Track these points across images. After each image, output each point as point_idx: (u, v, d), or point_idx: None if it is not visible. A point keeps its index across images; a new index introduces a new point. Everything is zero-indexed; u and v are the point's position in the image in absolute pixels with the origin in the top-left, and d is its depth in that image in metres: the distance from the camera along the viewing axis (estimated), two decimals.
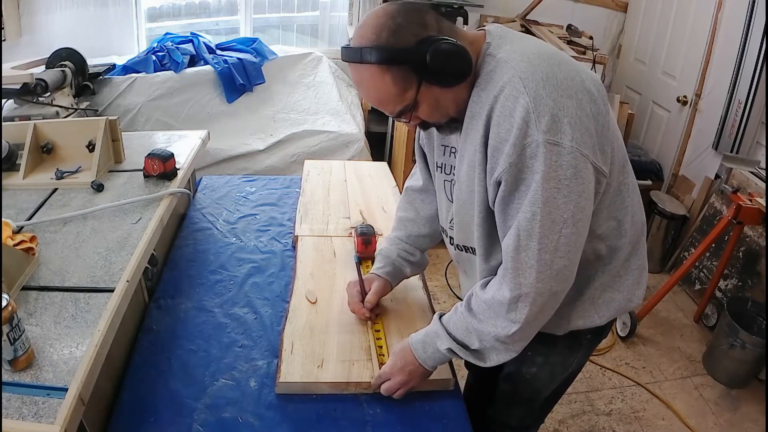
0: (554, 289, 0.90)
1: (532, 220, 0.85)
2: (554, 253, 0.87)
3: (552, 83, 0.84)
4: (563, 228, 0.86)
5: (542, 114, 0.82)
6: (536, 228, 0.86)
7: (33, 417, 0.81)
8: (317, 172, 2.00)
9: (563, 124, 0.83)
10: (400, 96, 0.90)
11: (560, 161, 0.83)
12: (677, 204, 3.06)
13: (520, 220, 0.87)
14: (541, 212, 0.85)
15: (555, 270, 0.88)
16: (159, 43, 3.19)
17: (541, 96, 0.83)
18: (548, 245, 0.87)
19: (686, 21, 3.18)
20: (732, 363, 2.26)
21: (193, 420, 1.03)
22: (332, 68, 3.50)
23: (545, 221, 0.85)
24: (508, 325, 0.92)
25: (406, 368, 1.06)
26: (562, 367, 1.20)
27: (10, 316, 0.86)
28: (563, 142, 0.83)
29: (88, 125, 1.58)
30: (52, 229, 1.28)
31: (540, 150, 0.82)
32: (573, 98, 0.85)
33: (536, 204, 0.85)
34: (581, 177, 0.85)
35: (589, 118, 0.86)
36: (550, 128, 0.82)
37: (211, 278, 1.44)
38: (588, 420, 2.08)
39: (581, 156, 0.84)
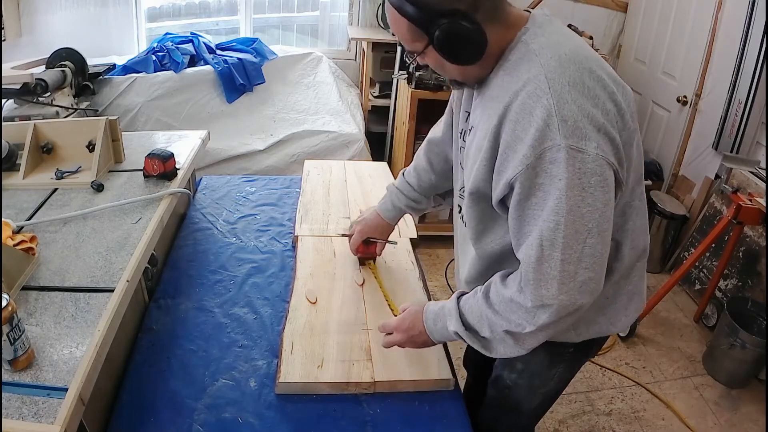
0: (579, 302, 0.86)
1: (556, 229, 0.82)
2: (578, 264, 0.83)
3: (579, 89, 0.81)
4: (588, 238, 0.82)
5: (566, 118, 0.79)
6: (560, 238, 0.82)
7: (33, 417, 0.81)
8: (317, 172, 2.01)
9: (588, 131, 0.80)
10: (411, 42, 0.91)
11: (584, 168, 0.79)
12: (677, 204, 3.06)
13: (543, 229, 0.83)
14: (565, 221, 0.81)
15: (579, 282, 0.84)
16: (159, 43, 3.19)
17: (566, 100, 0.80)
18: (572, 256, 0.83)
19: (686, 21, 3.18)
20: (732, 363, 2.26)
21: (193, 420, 1.03)
22: (332, 68, 3.50)
23: (569, 231, 0.81)
24: (523, 324, 0.89)
25: (411, 331, 1.07)
26: (540, 378, 1.17)
27: (10, 316, 0.86)
28: (588, 149, 0.79)
29: (88, 125, 1.58)
30: (52, 229, 1.28)
31: (562, 155, 0.79)
32: (599, 108, 0.82)
33: (560, 213, 0.81)
34: (606, 185, 0.82)
35: (615, 129, 0.83)
36: (574, 133, 0.79)
37: (211, 278, 1.45)
38: (588, 420, 2.08)
39: (606, 164, 0.81)
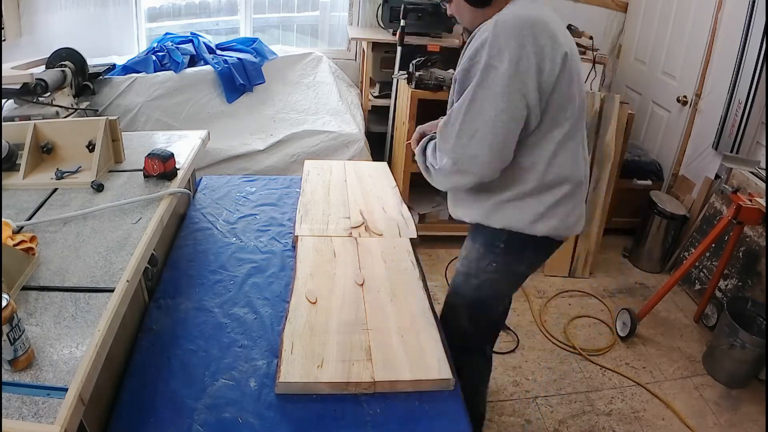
0: (468, 168, 1.22)
1: (460, 109, 1.20)
2: (470, 139, 1.19)
3: (513, 34, 1.14)
4: (482, 126, 1.17)
5: (493, 46, 1.15)
6: (461, 115, 1.19)
7: (33, 417, 0.81)
8: (317, 172, 2.01)
9: (504, 57, 1.14)
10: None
11: (493, 80, 1.15)
12: (677, 204, 3.06)
13: (456, 107, 1.22)
14: (467, 106, 1.18)
15: (469, 154, 1.20)
16: (159, 43, 3.19)
17: (498, 36, 1.15)
18: (466, 131, 1.19)
19: (686, 21, 3.18)
20: (732, 363, 2.26)
21: (193, 420, 1.03)
22: (332, 68, 3.50)
23: (469, 114, 1.18)
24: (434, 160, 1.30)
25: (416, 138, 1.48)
26: (475, 266, 1.44)
27: (10, 316, 0.86)
28: (499, 68, 1.15)
29: (88, 125, 1.58)
30: (52, 229, 1.28)
31: (482, 67, 1.16)
32: (524, 47, 1.14)
33: (467, 100, 1.18)
34: (508, 98, 1.15)
35: (533, 65, 1.15)
36: (494, 56, 1.15)
37: (211, 278, 1.45)
38: (588, 420, 2.08)
39: (512, 83, 1.15)
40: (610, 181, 2.85)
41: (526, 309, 2.68)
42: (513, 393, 2.18)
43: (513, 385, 2.21)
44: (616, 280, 3.01)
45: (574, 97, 1.25)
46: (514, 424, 2.03)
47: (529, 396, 2.17)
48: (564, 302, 2.77)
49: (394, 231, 1.66)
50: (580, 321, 2.64)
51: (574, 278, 2.96)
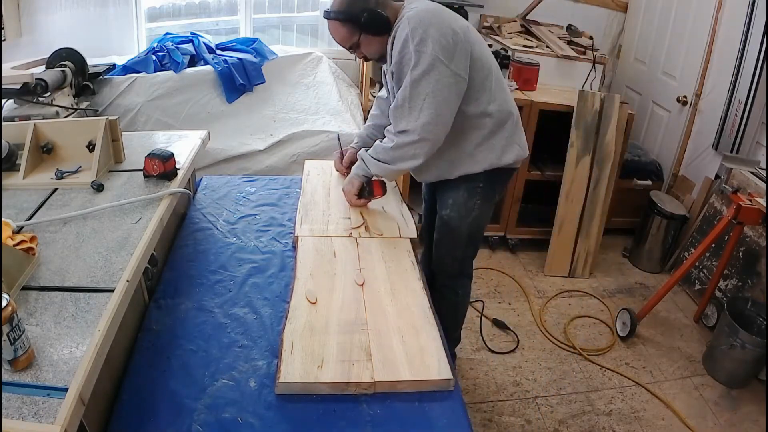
0: (423, 135, 1.52)
1: (404, 91, 1.51)
2: (420, 111, 1.49)
3: (424, 23, 1.46)
4: (426, 98, 1.48)
5: (415, 37, 1.46)
6: (407, 96, 1.50)
7: (33, 417, 0.81)
8: (317, 172, 2.01)
9: (427, 42, 1.45)
10: (350, 39, 1.59)
11: (423, 60, 1.46)
12: (677, 204, 3.06)
13: (400, 92, 1.52)
14: (410, 87, 1.49)
15: (421, 122, 1.50)
16: (159, 43, 3.19)
17: (416, 29, 1.46)
18: (414, 106, 1.50)
19: (686, 21, 3.18)
20: (732, 363, 2.26)
21: (193, 420, 1.03)
22: (332, 68, 3.50)
23: (412, 92, 1.49)
24: (388, 142, 1.59)
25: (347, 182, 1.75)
26: (465, 208, 1.75)
27: (10, 316, 0.86)
28: (426, 51, 1.45)
29: (88, 125, 1.58)
30: (52, 229, 1.28)
31: (412, 54, 1.47)
32: (438, 30, 1.46)
33: (408, 84, 1.49)
34: (437, 71, 1.47)
35: (449, 42, 1.47)
36: (419, 43, 1.46)
37: (211, 278, 1.45)
38: (588, 420, 2.08)
39: (438, 60, 1.46)
40: (610, 181, 2.85)
41: (526, 309, 2.68)
42: (513, 393, 2.18)
43: (513, 385, 2.21)
44: (616, 280, 3.01)
45: (487, 53, 1.63)
46: (514, 424, 2.03)
47: (529, 396, 2.17)
48: (564, 302, 2.77)
49: (394, 231, 1.66)
50: (580, 321, 2.64)
51: (574, 278, 2.96)
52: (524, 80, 2.91)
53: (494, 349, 2.38)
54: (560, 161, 2.84)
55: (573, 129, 2.78)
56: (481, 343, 2.41)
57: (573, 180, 2.83)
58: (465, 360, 2.32)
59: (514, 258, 3.10)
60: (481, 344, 2.40)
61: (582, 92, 2.77)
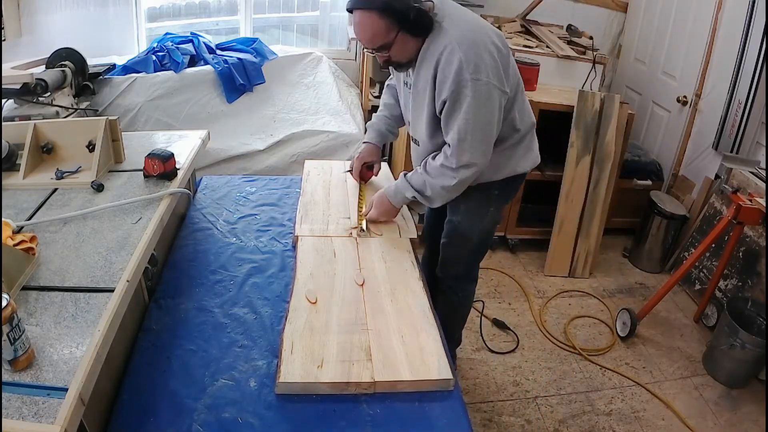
0: (479, 160, 1.50)
1: (467, 124, 1.44)
2: (481, 142, 1.48)
3: (474, 45, 1.40)
4: (485, 127, 1.46)
5: (470, 63, 1.38)
6: (470, 128, 1.44)
7: (33, 417, 0.81)
8: (317, 172, 2.01)
9: (481, 70, 1.39)
10: (386, 35, 1.41)
11: (480, 89, 1.40)
12: (677, 204, 3.06)
13: (460, 123, 1.44)
14: (473, 119, 1.43)
15: (480, 151, 1.49)
16: (159, 43, 3.19)
17: (469, 53, 1.39)
18: (477, 137, 1.46)
19: (686, 21, 3.18)
20: (732, 363, 2.26)
21: (193, 420, 1.03)
22: (332, 68, 3.50)
23: (475, 125, 1.44)
24: (450, 180, 1.52)
25: (381, 207, 1.66)
26: (477, 215, 1.73)
27: (10, 316, 0.86)
28: (482, 79, 1.40)
29: (88, 125, 1.58)
30: (52, 229, 1.28)
31: (468, 84, 1.39)
32: (487, 52, 1.41)
33: (469, 114, 1.42)
34: (493, 98, 1.44)
35: (497, 62, 1.43)
36: (474, 71, 1.39)
37: (211, 278, 1.45)
38: (588, 420, 2.08)
39: (493, 86, 1.42)
40: (610, 181, 2.85)
41: (526, 309, 2.68)
42: (513, 393, 2.18)
43: (513, 385, 2.21)
44: (616, 280, 3.01)
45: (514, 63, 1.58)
46: (514, 424, 2.03)
47: (529, 396, 2.17)
48: (564, 302, 2.77)
49: (394, 231, 1.66)
50: (580, 321, 2.64)
51: (574, 278, 2.96)
52: (524, 80, 2.87)
53: (494, 349, 2.38)
54: (560, 161, 2.84)
55: (573, 129, 2.78)
56: (481, 343, 2.41)
57: (573, 180, 2.83)
58: (465, 360, 2.32)
59: (514, 258, 3.10)
60: (481, 344, 2.40)
61: (582, 92, 2.77)
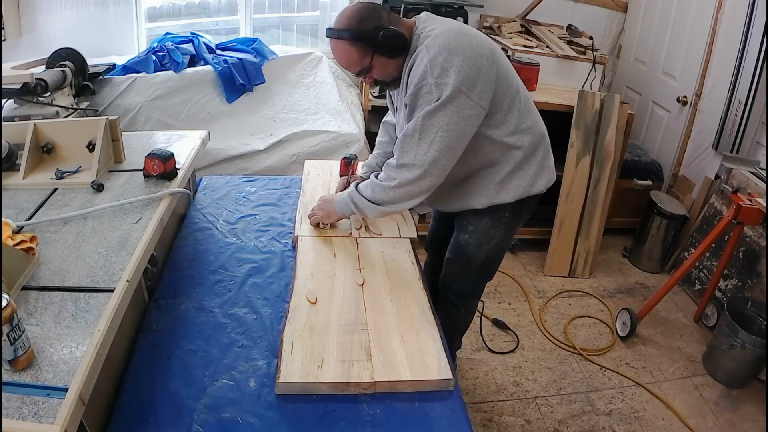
0: (429, 171, 1.36)
1: (416, 123, 1.34)
2: (430, 146, 1.34)
3: (446, 48, 1.30)
4: (438, 132, 1.33)
5: (435, 68, 1.30)
6: (418, 128, 1.34)
7: (33, 417, 0.81)
8: (317, 172, 2.01)
9: (449, 73, 1.30)
10: (360, 61, 1.39)
11: (443, 92, 1.29)
12: (677, 204, 3.06)
13: (411, 124, 1.35)
14: (423, 118, 1.33)
15: (430, 158, 1.34)
16: (159, 43, 3.18)
17: (436, 58, 1.30)
18: (425, 140, 1.34)
19: (686, 21, 3.18)
20: (732, 363, 2.26)
21: (193, 420, 1.03)
22: (332, 68, 3.50)
23: (426, 123, 1.33)
24: (390, 181, 1.40)
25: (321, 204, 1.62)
26: (486, 236, 1.61)
27: (10, 316, 0.86)
28: (447, 82, 1.29)
29: (88, 125, 1.58)
30: (52, 229, 1.28)
31: (432, 87, 1.30)
32: (462, 56, 1.30)
33: (420, 115, 1.33)
34: (456, 103, 1.31)
35: (472, 69, 1.31)
36: (439, 75, 1.30)
37: (211, 278, 1.45)
38: (588, 420, 2.08)
39: (459, 90, 1.30)
40: (610, 181, 2.85)
41: (526, 309, 2.68)
42: (513, 393, 2.18)
43: (513, 385, 2.21)
44: (616, 280, 3.01)
45: (513, 73, 1.50)
46: (514, 424, 2.03)
47: (529, 396, 2.17)
48: (564, 302, 2.77)
49: (394, 231, 1.66)
50: (580, 321, 2.64)
51: (574, 278, 2.96)
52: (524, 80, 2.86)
53: (494, 349, 2.38)
54: (560, 161, 2.84)
55: (573, 129, 2.78)
56: (481, 343, 2.41)
57: (573, 180, 2.83)
58: (465, 360, 2.32)
59: (514, 258, 3.10)
60: (481, 344, 2.40)
61: (582, 92, 2.77)
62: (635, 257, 3.16)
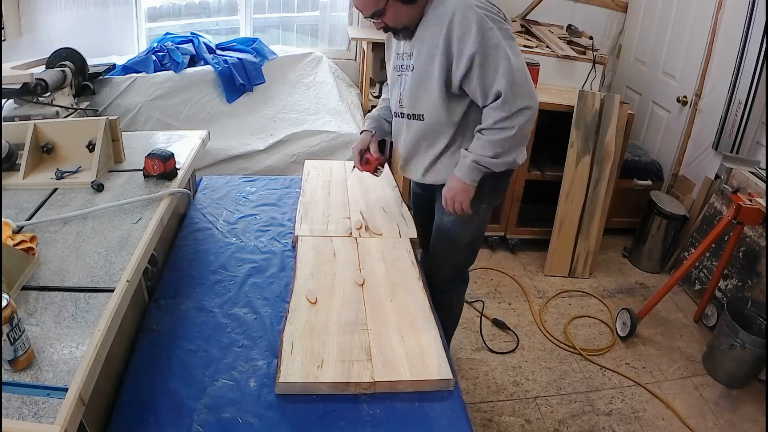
0: (533, 104, 1.43)
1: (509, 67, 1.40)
2: (527, 82, 1.43)
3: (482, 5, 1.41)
4: (523, 66, 1.43)
5: (489, 14, 1.40)
6: (514, 71, 1.40)
7: (33, 417, 0.81)
8: (317, 172, 2.01)
9: (499, 17, 1.42)
10: (376, 3, 1.44)
11: (506, 33, 1.42)
12: (677, 204, 3.06)
13: (503, 69, 1.39)
14: (514, 61, 1.41)
15: (530, 91, 1.43)
16: (159, 43, 3.19)
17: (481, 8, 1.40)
18: (522, 77, 1.42)
19: (686, 21, 3.18)
20: (732, 363, 2.26)
21: (193, 420, 1.03)
22: (332, 68, 3.50)
23: (517, 65, 1.41)
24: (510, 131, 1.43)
25: (452, 188, 1.56)
26: (468, 216, 1.61)
27: (10, 316, 0.86)
28: (504, 26, 1.42)
29: (88, 125, 1.58)
30: (52, 229, 1.28)
31: (495, 30, 1.39)
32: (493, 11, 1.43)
33: (509, 57, 1.40)
34: (515, 40, 1.46)
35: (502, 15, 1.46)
36: (493, 20, 1.40)
37: (211, 278, 1.45)
38: (588, 420, 2.08)
39: (510, 28, 1.45)
40: (610, 181, 2.85)
41: (526, 309, 2.68)
42: (513, 393, 2.18)
43: (513, 385, 2.21)
44: (616, 280, 3.01)
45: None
46: (514, 424, 2.03)
47: (529, 396, 2.17)
48: (564, 302, 2.77)
49: (394, 231, 1.66)
50: (580, 321, 2.64)
51: (574, 278, 2.96)
52: None
53: (494, 349, 2.38)
54: (560, 161, 2.84)
55: (573, 129, 2.78)
56: (481, 343, 2.41)
57: (573, 180, 2.83)
58: (465, 360, 2.32)
59: (514, 258, 3.10)
60: (481, 344, 2.40)
61: (582, 92, 2.77)
62: (635, 257, 3.16)
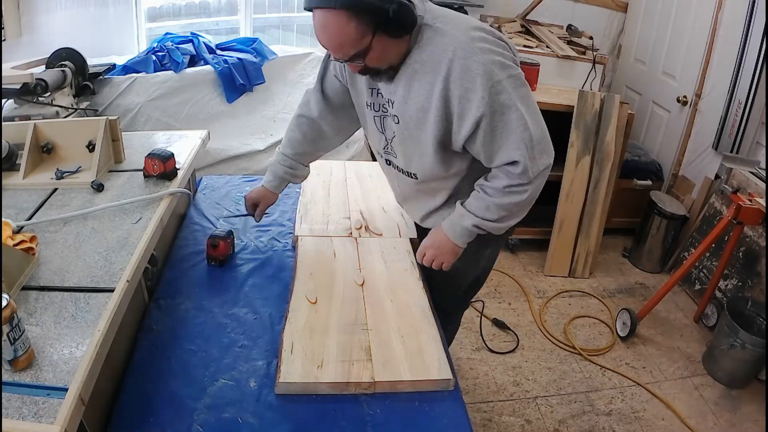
0: (551, 161, 1.24)
1: (526, 127, 1.17)
2: (546, 138, 1.22)
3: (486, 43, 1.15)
4: (540, 120, 1.21)
5: (495, 63, 1.13)
6: (533, 130, 1.18)
7: (33, 417, 0.81)
8: (317, 172, 2.00)
9: (507, 63, 1.16)
10: (358, 41, 1.09)
11: (519, 84, 1.17)
12: (677, 204, 3.06)
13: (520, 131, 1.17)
14: (531, 118, 1.17)
15: (550, 148, 1.23)
16: (159, 43, 3.19)
17: (488, 54, 1.13)
18: (542, 135, 1.20)
19: (686, 21, 3.18)
20: (732, 363, 2.26)
21: (193, 420, 1.03)
22: None
23: (534, 122, 1.18)
24: (522, 195, 1.24)
25: (436, 245, 1.38)
26: (474, 258, 1.49)
27: (10, 316, 0.86)
28: (513, 74, 1.16)
29: (88, 125, 1.58)
30: (52, 229, 1.28)
31: (503, 85, 1.13)
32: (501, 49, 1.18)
33: (525, 116, 1.16)
34: (528, 86, 1.21)
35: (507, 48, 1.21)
36: (501, 68, 1.14)
37: (211, 278, 1.44)
38: (588, 420, 2.08)
39: (521, 74, 1.20)
40: (610, 181, 2.85)
41: (526, 309, 2.68)
42: (513, 393, 2.18)
43: (513, 385, 2.21)
44: (616, 280, 3.01)
45: None
46: (514, 424, 2.03)
47: (529, 396, 2.17)
48: (564, 302, 2.77)
49: (394, 231, 1.66)
50: (580, 321, 2.64)
51: (574, 278, 2.96)
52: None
53: (494, 349, 2.38)
54: (560, 161, 2.84)
55: (573, 129, 2.78)
56: (481, 343, 2.41)
57: (573, 180, 2.83)
58: (465, 360, 2.32)
59: (514, 258, 3.10)
60: (481, 344, 2.40)
61: (582, 92, 2.77)
62: (635, 257, 3.16)
